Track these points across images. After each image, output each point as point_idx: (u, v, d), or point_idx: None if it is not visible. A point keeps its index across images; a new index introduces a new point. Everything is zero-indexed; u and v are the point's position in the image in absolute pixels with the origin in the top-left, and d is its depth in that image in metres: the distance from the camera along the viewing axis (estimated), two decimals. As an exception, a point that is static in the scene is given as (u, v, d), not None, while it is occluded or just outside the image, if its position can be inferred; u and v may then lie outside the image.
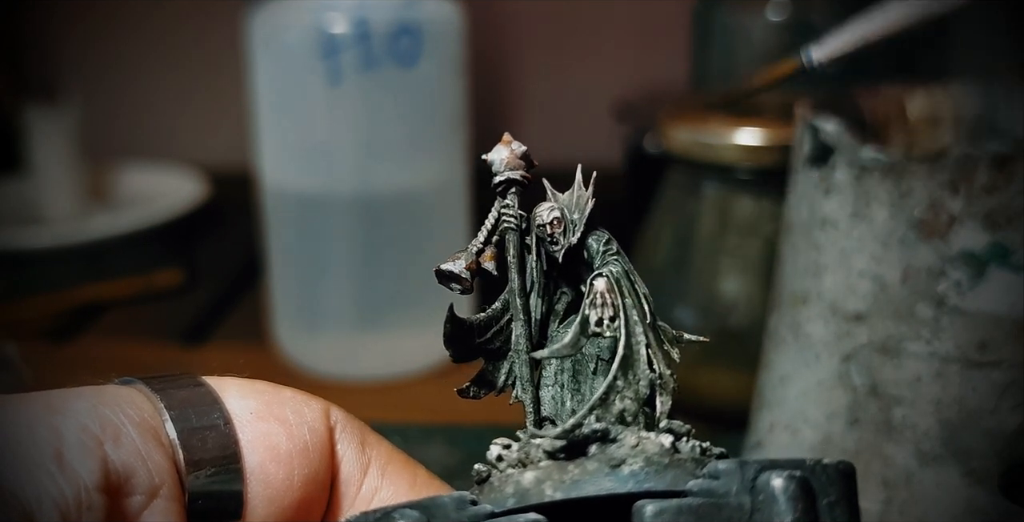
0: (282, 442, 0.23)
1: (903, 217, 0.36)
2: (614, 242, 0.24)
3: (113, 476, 0.20)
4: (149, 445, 0.21)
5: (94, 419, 0.21)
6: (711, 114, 0.53)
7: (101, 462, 0.20)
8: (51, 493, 0.19)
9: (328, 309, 0.61)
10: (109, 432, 0.21)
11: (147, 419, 0.22)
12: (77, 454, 0.20)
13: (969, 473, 0.36)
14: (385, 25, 0.56)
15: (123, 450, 0.21)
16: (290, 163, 0.60)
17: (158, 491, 0.21)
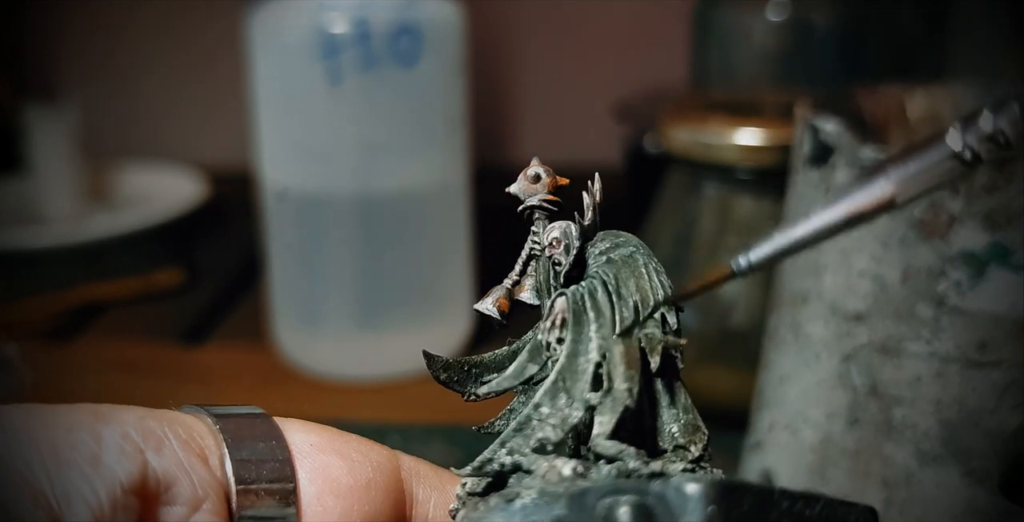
0: (343, 475, 0.22)
1: (903, 217, 0.36)
2: (609, 241, 0.24)
3: (152, 483, 0.20)
4: (193, 460, 0.21)
5: (138, 429, 0.20)
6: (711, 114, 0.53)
7: (140, 466, 0.20)
8: (82, 491, 0.19)
9: (328, 309, 0.61)
10: (152, 442, 0.20)
11: (195, 438, 0.21)
12: (114, 456, 0.19)
13: (969, 473, 0.36)
14: (385, 25, 0.56)
15: (165, 460, 0.20)
16: (290, 163, 0.60)
17: (201, 505, 0.20)
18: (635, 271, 0.23)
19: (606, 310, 0.22)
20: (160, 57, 1.05)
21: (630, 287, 0.23)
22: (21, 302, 0.72)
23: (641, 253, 0.23)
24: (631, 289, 0.23)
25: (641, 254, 0.23)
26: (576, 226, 0.24)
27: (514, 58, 1.03)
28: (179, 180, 0.92)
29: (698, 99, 0.59)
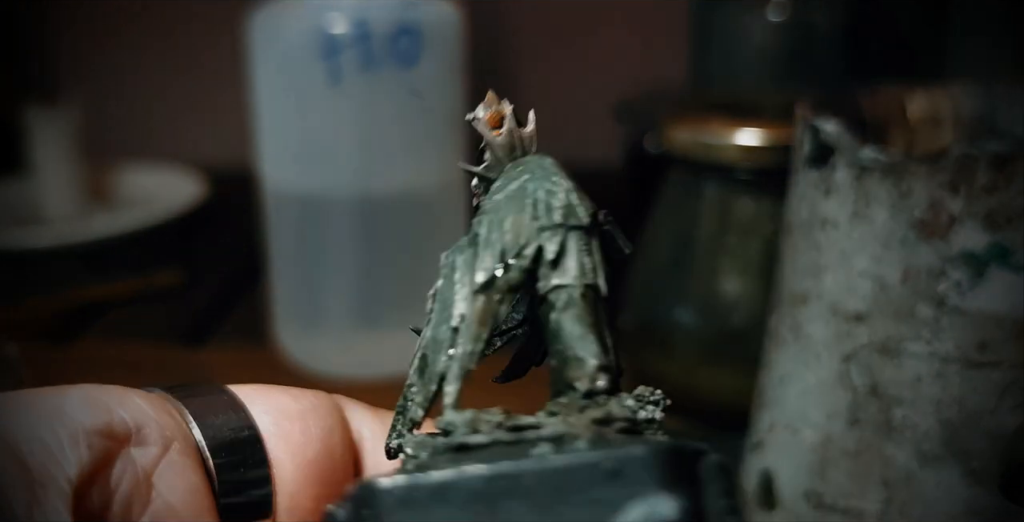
0: (290, 403, 0.23)
1: (903, 217, 0.36)
2: (505, 175, 0.22)
3: (120, 427, 0.20)
4: (157, 409, 0.22)
5: (101, 389, 0.21)
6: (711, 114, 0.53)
7: (105, 412, 0.20)
8: (42, 437, 0.19)
9: (328, 309, 0.61)
10: (116, 396, 0.21)
11: (155, 394, 0.22)
12: (78, 406, 0.20)
13: (969, 473, 0.36)
14: (385, 25, 0.56)
15: (130, 409, 0.21)
16: (290, 163, 0.60)
17: (171, 444, 0.21)
18: (518, 204, 0.21)
19: (470, 265, 0.21)
20: (160, 57, 1.05)
21: (504, 228, 0.21)
22: (21, 302, 0.72)
23: (535, 179, 0.21)
24: (504, 230, 0.21)
25: (534, 180, 0.21)
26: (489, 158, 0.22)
27: (514, 58, 1.03)
28: (179, 180, 0.92)
29: (698, 99, 0.59)
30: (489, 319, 0.21)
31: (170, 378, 0.64)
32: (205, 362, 0.65)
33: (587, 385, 0.20)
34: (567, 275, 0.21)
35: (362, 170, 0.59)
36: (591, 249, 0.21)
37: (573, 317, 0.20)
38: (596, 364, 0.20)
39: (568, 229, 0.21)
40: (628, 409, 0.20)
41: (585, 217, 0.21)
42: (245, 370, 0.64)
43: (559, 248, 0.21)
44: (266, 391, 0.24)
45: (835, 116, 0.39)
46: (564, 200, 0.21)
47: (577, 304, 0.20)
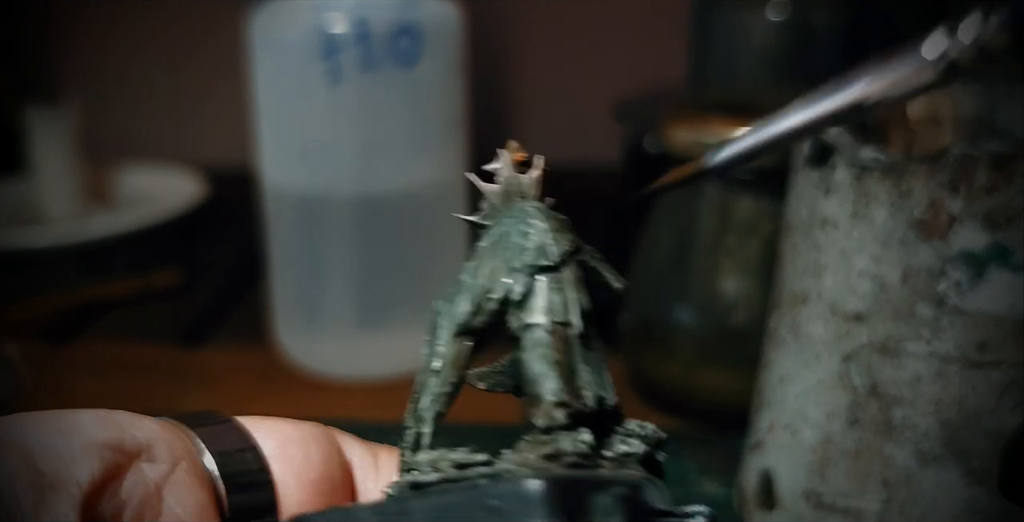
0: (291, 430, 0.24)
1: (903, 217, 0.36)
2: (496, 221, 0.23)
3: (130, 443, 0.21)
4: (166, 428, 0.22)
5: (112, 413, 0.22)
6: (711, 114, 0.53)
7: (115, 429, 0.21)
8: (56, 446, 0.20)
9: (328, 309, 0.61)
10: (125, 417, 0.22)
11: (163, 420, 0.23)
12: (91, 423, 0.21)
13: (969, 473, 0.36)
14: (385, 25, 0.56)
15: (140, 428, 0.22)
16: (290, 163, 0.60)
17: (179, 463, 0.22)
18: (497, 249, 0.22)
19: (449, 311, 0.22)
20: (160, 57, 1.05)
21: (480, 274, 0.22)
22: (21, 302, 0.72)
23: (515, 223, 0.22)
24: (482, 274, 0.22)
25: (513, 224, 0.22)
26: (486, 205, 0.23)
27: (514, 58, 1.03)
28: (179, 180, 0.92)
29: (698, 99, 0.59)
30: (462, 362, 0.22)
31: (170, 378, 0.65)
32: (205, 362, 0.65)
33: (544, 421, 0.20)
34: (533, 314, 0.21)
35: (362, 170, 0.59)
36: (563, 287, 0.22)
37: (537, 356, 0.21)
38: (552, 401, 0.20)
39: (537, 270, 0.22)
40: (584, 444, 0.20)
41: (555, 256, 0.22)
42: (245, 370, 0.64)
43: (526, 289, 0.21)
44: (268, 419, 0.25)
45: (835, 116, 0.39)
46: (536, 241, 0.22)
47: (541, 343, 0.21)
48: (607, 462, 0.21)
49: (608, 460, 0.21)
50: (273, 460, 0.24)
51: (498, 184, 0.23)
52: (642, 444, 0.21)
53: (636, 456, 0.21)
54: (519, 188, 0.23)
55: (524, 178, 0.23)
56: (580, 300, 0.22)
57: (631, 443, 0.21)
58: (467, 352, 0.22)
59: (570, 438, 0.20)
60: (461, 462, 0.20)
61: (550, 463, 0.20)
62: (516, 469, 0.20)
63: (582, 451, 0.20)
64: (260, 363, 0.64)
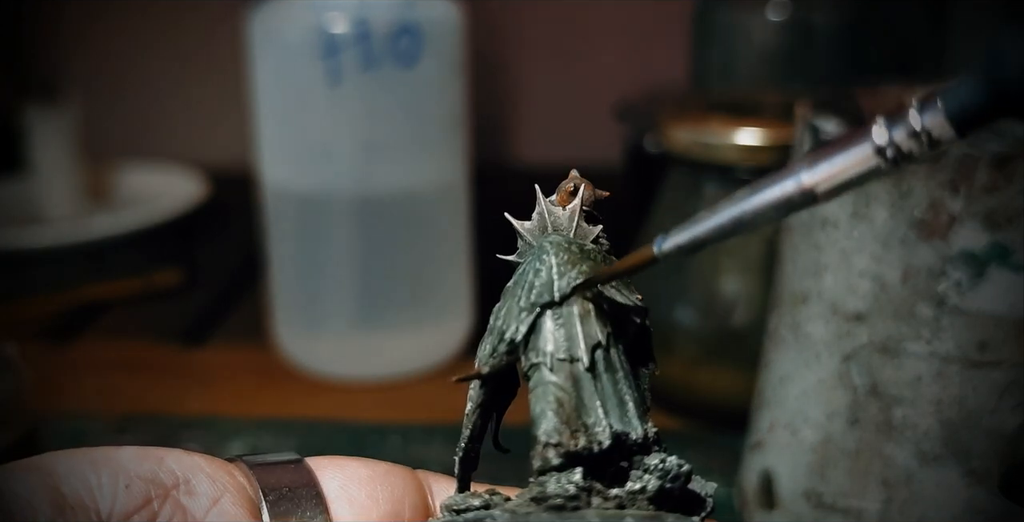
0: (361, 468, 0.24)
1: (903, 217, 0.36)
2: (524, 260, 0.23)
3: (167, 476, 0.21)
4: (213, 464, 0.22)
5: (163, 449, 0.22)
6: (711, 114, 0.53)
7: (152, 462, 0.22)
8: (84, 474, 0.20)
9: (328, 309, 0.61)
10: (168, 453, 0.22)
11: (219, 460, 0.23)
12: (128, 457, 0.21)
13: (969, 473, 0.37)
14: (385, 25, 0.56)
15: (180, 463, 0.22)
16: (290, 163, 0.60)
17: (221, 497, 0.22)
18: (516, 289, 0.22)
19: (479, 355, 0.22)
20: (160, 57, 1.05)
21: (500, 315, 0.22)
22: (21, 302, 0.72)
23: (531, 260, 0.22)
24: (500, 317, 0.22)
25: (530, 262, 0.22)
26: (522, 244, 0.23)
27: (514, 58, 1.03)
28: (179, 180, 0.92)
29: (698, 99, 0.59)
30: (484, 405, 0.22)
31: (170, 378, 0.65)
32: (205, 362, 0.65)
33: (538, 463, 0.20)
34: (538, 353, 0.21)
35: (362, 170, 0.59)
36: (568, 322, 0.21)
37: (537, 396, 0.21)
38: (544, 441, 0.20)
39: (542, 307, 0.21)
40: (573, 485, 0.20)
41: (559, 292, 0.21)
42: (245, 370, 0.64)
43: (528, 328, 0.21)
44: (339, 459, 0.24)
45: (835, 116, 0.39)
46: (544, 278, 0.21)
47: (543, 381, 0.21)
48: (610, 501, 0.20)
49: (613, 499, 0.20)
50: (334, 500, 0.23)
51: (532, 221, 0.23)
52: (657, 480, 0.21)
53: (647, 493, 0.21)
54: (554, 222, 0.23)
55: (560, 211, 0.23)
56: (588, 333, 0.21)
57: (644, 479, 0.21)
58: (488, 395, 0.22)
59: (556, 480, 0.20)
60: (458, 507, 0.21)
61: (537, 506, 0.20)
62: (495, 513, 0.20)
63: (567, 493, 0.20)
64: (260, 363, 0.64)
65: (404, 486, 0.24)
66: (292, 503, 0.23)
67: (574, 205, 0.23)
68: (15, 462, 0.20)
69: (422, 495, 0.24)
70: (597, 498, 0.20)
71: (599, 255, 0.22)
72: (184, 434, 0.56)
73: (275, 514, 0.22)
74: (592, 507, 0.20)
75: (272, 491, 0.23)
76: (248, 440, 0.55)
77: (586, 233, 0.23)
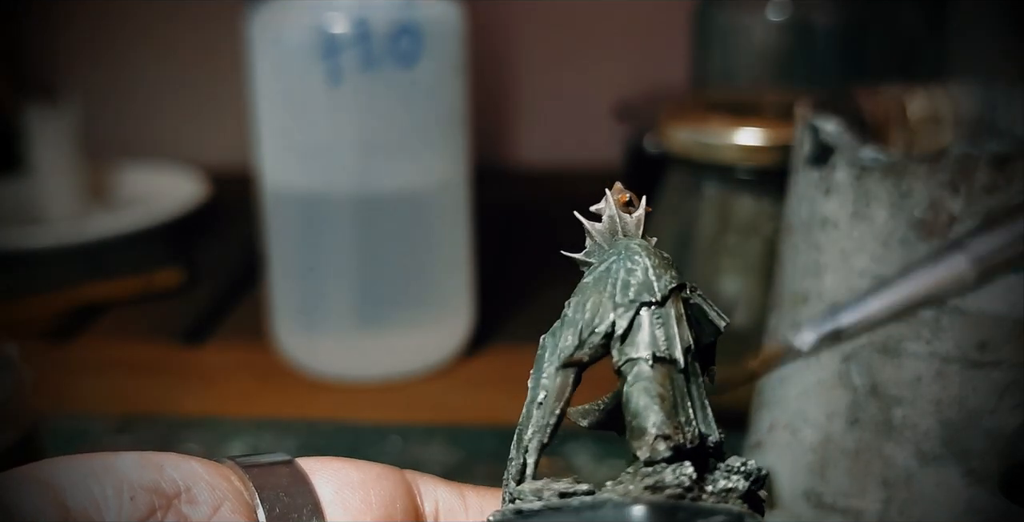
0: (353, 472, 0.24)
1: (903, 217, 0.36)
2: (602, 256, 0.23)
3: (169, 485, 0.21)
4: (211, 470, 0.22)
5: (159, 454, 0.22)
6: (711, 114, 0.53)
7: (153, 471, 0.21)
8: (88, 485, 0.20)
9: (328, 309, 0.61)
10: (171, 459, 0.22)
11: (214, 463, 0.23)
12: (129, 465, 0.21)
13: (969, 473, 0.37)
14: (385, 25, 0.56)
15: (181, 470, 0.22)
16: (290, 163, 0.60)
17: (221, 504, 0.22)
18: (600, 285, 0.23)
19: (555, 345, 0.22)
20: (160, 57, 1.05)
21: (585, 307, 0.22)
22: (21, 302, 0.72)
23: (620, 260, 0.23)
24: (585, 310, 0.22)
25: (618, 261, 0.23)
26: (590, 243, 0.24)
27: (514, 58, 1.03)
28: (179, 180, 0.92)
29: (698, 99, 0.59)
30: (565, 394, 0.22)
31: (170, 377, 0.65)
32: (205, 362, 0.65)
33: (646, 454, 0.21)
34: (637, 349, 0.22)
35: (362, 170, 0.59)
36: (667, 322, 0.22)
37: (640, 389, 0.21)
38: (655, 434, 0.21)
39: (641, 305, 0.22)
40: (686, 477, 0.21)
41: (659, 293, 0.22)
42: (245, 370, 0.64)
43: (629, 324, 0.22)
44: (331, 462, 0.24)
45: (835, 116, 0.39)
46: (641, 278, 0.22)
47: (645, 377, 0.21)
48: (709, 497, 0.21)
49: (709, 495, 0.21)
50: (329, 504, 0.23)
51: (603, 223, 0.24)
52: (744, 480, 0.21)
53: (737, 492, 0.21)
54: (623, 227, 0.24)
55: (628, 217, 0.24)
56: (683, 336, 0.22)
57: (733, 479, 0.21)
58: (570, 385, 0.22)
59: (672, 471, 0.21)
60: (564, 491, 0.21)
61: (652, 495, 0.20)
62: (618, 499, 0.20)
63: (684, 484, 0.21)
64: (260, 363, 0.64)
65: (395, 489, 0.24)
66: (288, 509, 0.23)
67: (640, 214, 0.24)
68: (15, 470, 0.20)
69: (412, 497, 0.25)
70: (701, 493, 0.21)
71: (675, 264, 0.23)
72: (184, 434, 0.56)
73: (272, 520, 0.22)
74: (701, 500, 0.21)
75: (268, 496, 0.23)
76: (248, 440, 0.55)
77: (651, 242, 0.24)
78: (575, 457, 0.51)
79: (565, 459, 0.52)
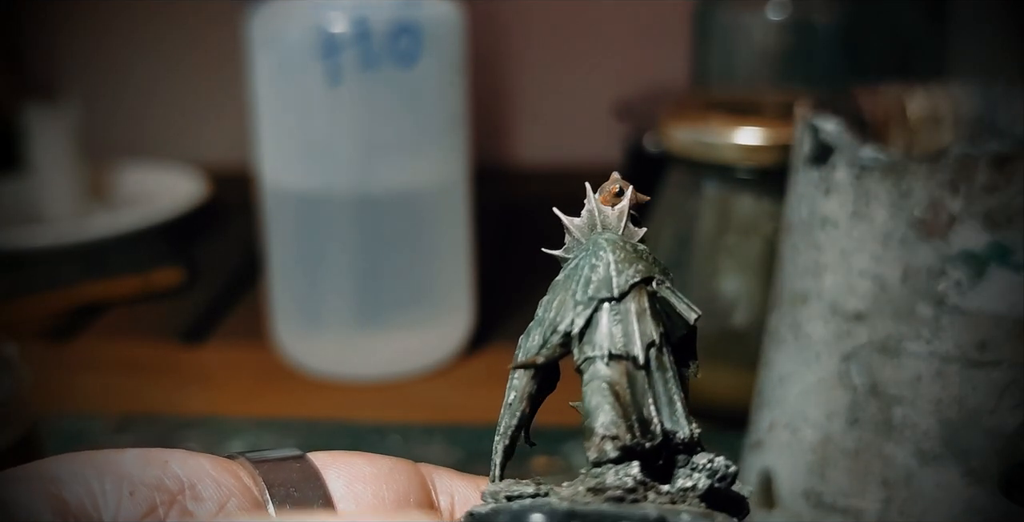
0: (365, 466, 0.24)
1: (903, 217, 0.36)
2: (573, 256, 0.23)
3: (172, 482, 0.21)
4: (218, 466, 0.22)
5: (166, 451, 0.22)
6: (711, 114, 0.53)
7: (156, 467, 0.21)
8: (88, 481, 0.20)
9: (328, 309, 0.61)
10: (177, 455, 0.22)
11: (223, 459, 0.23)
12: (132, 462, 0.21)
13: (969, 473, 0.37)
14: (385, 25, 0.56)
15: (186, 467, 0.22)
16: (290, 163, 0.60)
17: (227, 501, 0.22)
18: (568, 282, 0.22)
19: (523, 346, 0.22)
20: (160, 57, 1.05)
21: (551, 307, 0.22)
22: (21, 302, 0.72)
23: (586, 256, 0.22)
24: (551, 309, 0.22)
25: (585, 257, 0.22)
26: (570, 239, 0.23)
27: (514, 58, 1.03)
28: (179, 180, 0.92)
29: (698, 99, 0.59)
30: (529, 395, 0.22)
31: (170, 377, 0.65)
32: (205, 361, 0.65)
33: (594, 454, 0.21)
34: (594, 347, 0.21)
35: (362, 170, 0.59)
36: (625, 318, 0.22)
37: (593, 389, 0.21)
38: (602, 434, 0.21)
39: (600, 301, 0.22)
40: (630, 478, 0.20)
41: (618, 288, 0.22)
42: (244, 369, 0.64)
43: (586, 322, 0.22)
44: (343, 456, 0.24)
45: (835, 115, 0.39)
46: (602, 274, 0.22)
47: (600, 375, 0.21)
48: (662, 496, 0.21)
49: (664, 494, 0.21)
50: (340, 499, 0.23)
51: (581, 217, 0.23)
52: (707, 478, 0.21)
53: (697, 490, 0.21)
54: (604, 220, 0.23)
55: (609, 210, 0.23)
56: (644, 331, 0.22)
57: (694, 477, 0.21)
58: (534, 386, 0.22)
59: (615, 472, 0.20)
60: (510, 494, 0.21)
61: (594, 496, 0.20)
62: (552, 501, 0.20)
63: (626, 485, 0.20)
64: (259, 362, 0.64)
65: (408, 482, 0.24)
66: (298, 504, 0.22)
67: (623, 205, 0.23)
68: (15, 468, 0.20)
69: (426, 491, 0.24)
70: (651, 493, 0.21)
71: (650, 257, 0.22)
72: (184, 434, 0.56)
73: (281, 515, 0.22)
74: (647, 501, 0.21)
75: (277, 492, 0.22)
76: (248, 440, 0.55)
77: (632, 234, 0.23)
78: (575, 457, 0.51)
79: (564, 459, 0.52)
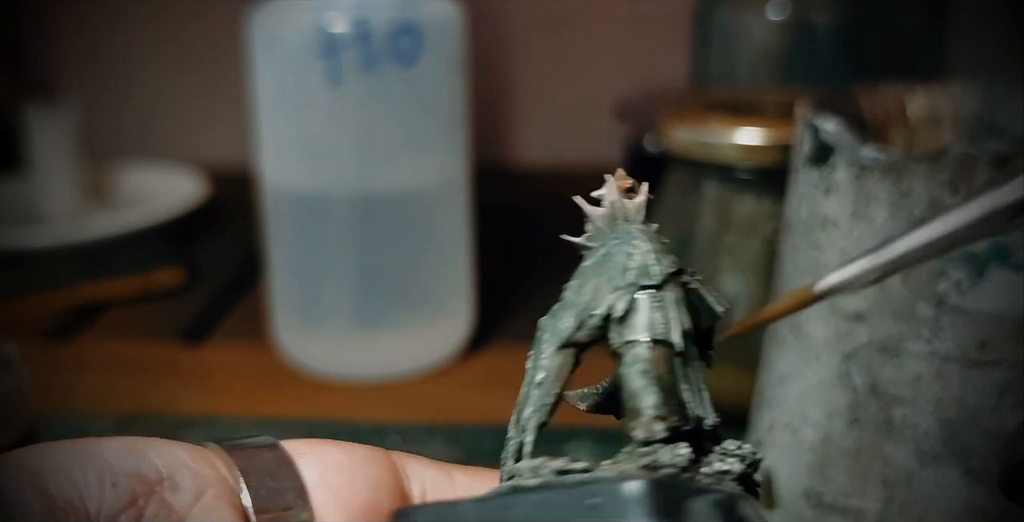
0: (338, 455, 0.24)
1: (903, 217, 0.36)
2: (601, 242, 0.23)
3: (151, 472, 0.21)
4: (196, 456, 0.22)
5: (142, 440, 0.22)
6: (711, 114, 0.53)
7: (136, 457, 0.21)
8: (71, 473, 0.20)
9: (328, 309, 0.61)
10: (151, 445, 0.22)
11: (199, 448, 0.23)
12: (112, 452, 0.21)
13: (969, 473, 0.37)
14: (385, 25, 0.56)
15: (164, 457, 0.22)
16: (290, 162, 0.60)
17: (205, 491, 0.22)
18: (600, 269, 0.23)
19: (554, 327, 0.23)
20: (160, 57, 1.05)
21: (583, 291, 0.23)
22: (21, 302, 0.72)
23: (619, 244, 0.23)
24: (583, 293, 0.23)
25: (618, 245, 0.23)
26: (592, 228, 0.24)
27: (514, 58, 1.03)
28: (179, 180, 0.92)
29: (698, 99, 0.59)
30: (563, 375, 0.22)
31: (170, 377, 0.65)
32: (205, 361, 0.65)
33: (643, 434, 0.21)
34: (635, 332, 0.22)
35: (362, 170, 0.59)
36: (665, 306, 0.22)
37: (637, 371, 0.22)
38: (652, 414, 0.21)
39: (639, 288, 0.22)
40: (682, 457, 0.21)
41: (658, 276, 0.22)
42: (244, 369, 0.64)
43: (627, 306, 0.22)
44: (316, 444, 0.24)
45: (835, 115, 0.39)
46: (640, 262, 0.23)
47: (642, 358, 0.22)
48: (704, 478, 0.21)
49: (705, 476, 0.21)
50: (314, 488, 0.23)
51: (604, 208, 0.24)
52: (739, 463, 0.22)
53: (732, 474, 0.22)
54: (624, 212, 0.24)
55: (630, 203, 0.24)
56: (681, 320, 0.22)
57: (729, 462, 0.22)
58: (569, 366, 0.23)
59: (668, 451, 0.21)
60: (561, 469, 0.21)
61: (648, 474, 0.21)
62: (616, 475, 0.20)
63: (680, 464, 0.21)
64: (259, 362, 0.64)
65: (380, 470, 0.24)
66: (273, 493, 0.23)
67: (642, 200, 0.24)
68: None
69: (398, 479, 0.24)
70: (696, 474, 0.21)
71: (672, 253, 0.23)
72: (184, 434, 0.56)
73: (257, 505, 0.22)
74: None
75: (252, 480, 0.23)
76: (248, 440, 0.55)
77: (652, 228, 0.24)
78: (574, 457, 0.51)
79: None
